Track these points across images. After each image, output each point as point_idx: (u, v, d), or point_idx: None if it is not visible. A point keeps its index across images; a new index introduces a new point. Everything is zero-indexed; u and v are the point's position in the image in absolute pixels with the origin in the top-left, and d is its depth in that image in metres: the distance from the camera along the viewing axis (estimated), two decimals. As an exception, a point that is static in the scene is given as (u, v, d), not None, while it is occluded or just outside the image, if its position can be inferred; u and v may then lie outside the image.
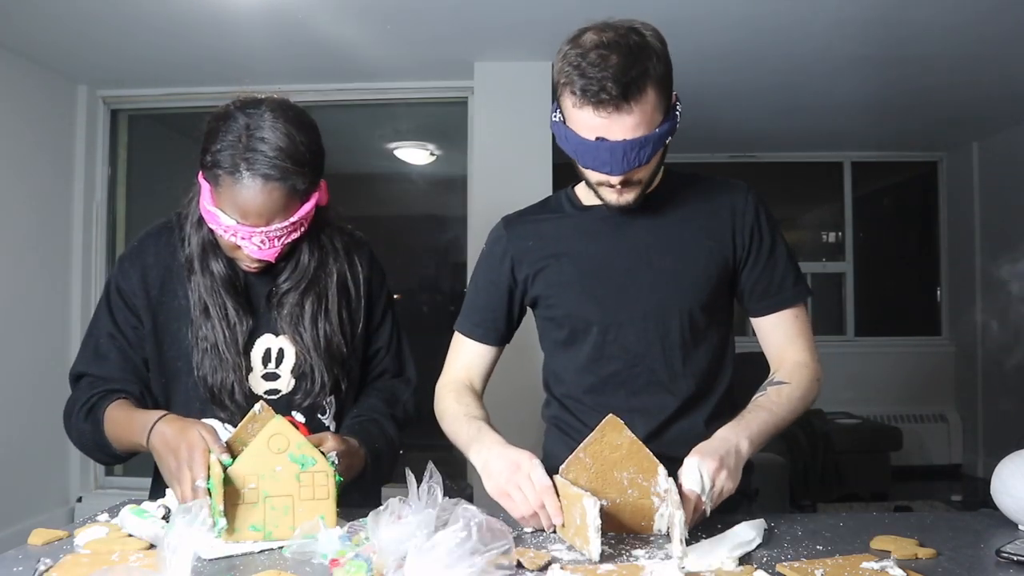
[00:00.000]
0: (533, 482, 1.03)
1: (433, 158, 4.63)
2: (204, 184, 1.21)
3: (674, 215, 1.27)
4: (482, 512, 0.86)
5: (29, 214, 3.60)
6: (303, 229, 1.26)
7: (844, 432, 4.55)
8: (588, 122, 1.09)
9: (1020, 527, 1.06)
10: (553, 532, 1.06)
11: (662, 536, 1.04)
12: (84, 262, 3.94)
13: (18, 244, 3.52)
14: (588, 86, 1.06)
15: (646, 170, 1.15)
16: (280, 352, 1.33)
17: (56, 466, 3.80)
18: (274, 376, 1.33)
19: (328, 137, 1.28)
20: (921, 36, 3.28)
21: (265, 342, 1.33)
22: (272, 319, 1.33)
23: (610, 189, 1.17)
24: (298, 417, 1.32)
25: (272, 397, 1.32)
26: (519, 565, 0.91)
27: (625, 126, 1.08)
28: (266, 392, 1.32)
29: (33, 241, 3.62)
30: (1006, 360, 4.84)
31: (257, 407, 1.14)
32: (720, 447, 1.07)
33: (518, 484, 1.04)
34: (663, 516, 1.03)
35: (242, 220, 1.18)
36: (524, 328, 1.39)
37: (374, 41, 3.41)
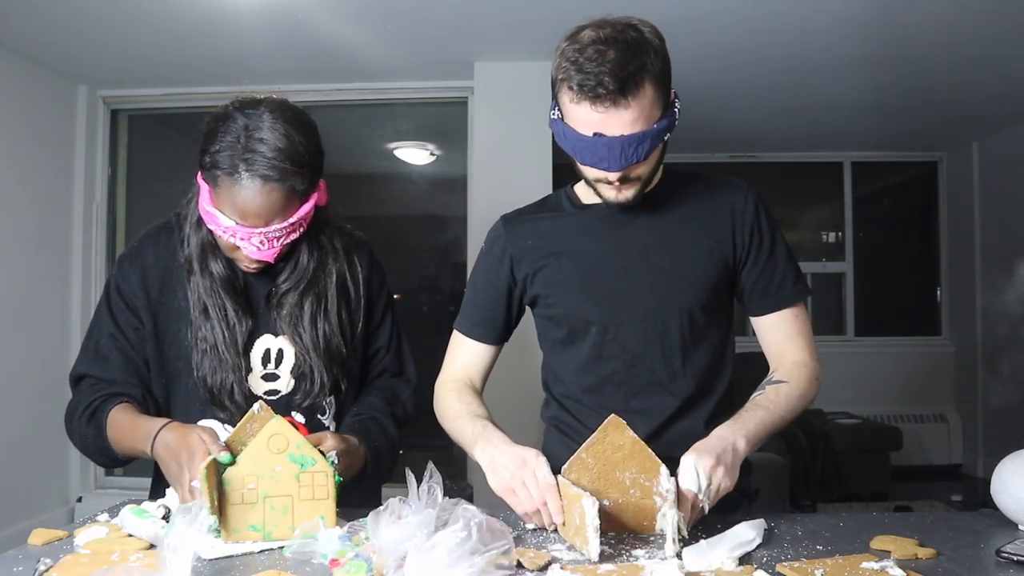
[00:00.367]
0: (538, 479, 1.03)
1: (433, 158, 4.63)
2: (203, 185, 1.21)
3: (674, 214, 1.27)
4: (482, 512, 0.86)
5: (29, 214, 3.60)
6: (302, 230, 1.26)
7: (844, 432, 4.55)
8: (585, 118, 1.09)
9: (1020, 527, 1.06)
10: (554, 532, 1.06)
11: (662, 536, 1.04)
12: (84, 262, 3.94)
13: (18, 244, 3.52)
14: (585, 81, 1.05)
15: (644, 167, 1.15)
16: (280, 352, 1.33)
17: (56, 466, 3.80)
18: (274, 377, 1.33)
19: (328, 137, 1.28)
20: (921, 36, 3.28)
21: (265, 343, 1.33)
22: (271, 319, 1.33)
23: (608, 186, 1.16)
24: (298, 417, 1.32)
25: (272, 398, 1.32)
26: (519, 565, 0.91)
27: (622, 121, 1.07)
28: (266, 392, 1.32)
29: (33, 241, 3.62)
30: (1006, 360, 4.84)
31: (256, 407, 1.14)
32: (717, 445, 1.07)
33: (523, 480, 1.05)
34: (665, 516, 1.03)
35: (241, 221, 1.18)
36: (524, 328, 1.39)
37: (374, 41, 3.41)
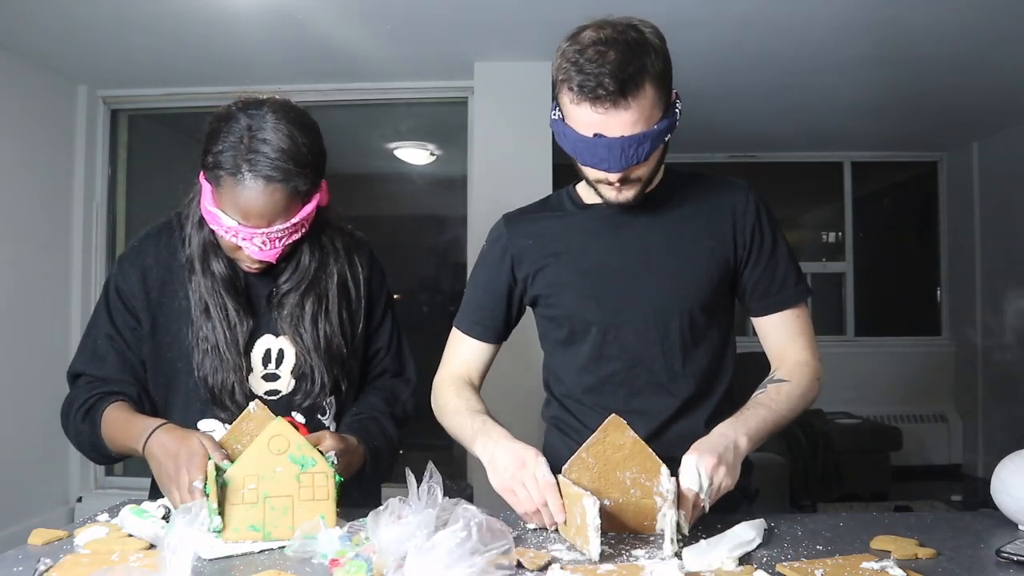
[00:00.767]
0: (537, 479, 1.03)
1: (433, 158, 4.63)
2: (205, 185, 1.21)
3: (675, 214, 1.27)
4: (482, 512, 0.86)
5: (29, 214, 3.59)
6: (304, 230, 1.26)
7: (844, 432, 4.55)
8: (586, 118, 1.09)
9: (1020, 527, 1.06)
10: (554, 531, 1.06)
11: (662, 536, 1.04)
12: (84, 262, 3.93)
13: (18, 244, 3.51)
14: (585, 82, 1.05)
15: (645, 167, 1.15)
16: (280, 353, 1.33)
17: (56, 466, 3.80)
18: (274, 377, 1.33)
19: (328, 137, 1.29)
20: (921, 36, 3.28)
21: (265, 343, 1.33)
22: (272, 320, 1.33)
23: (609, 187, 1.16)
24: (298, 418, 1.32)
25: (272, 398, 1.32)
26: (519, 565, 0.91)
27: (623, 122, 1.07)
28: (266, 392, 1.32)
29: (33, 241, 3.62)
30: (1006, 360, 4.84)
31: (252, 406, 1.14)
32: (718, 443, 1.07)
33: (523, 481, 1.04)
34: (665, 516, 1.03)
35: (243, 221, 1.18)
36: (525, 328, 1.39)
37: (374, 41, 3.41)
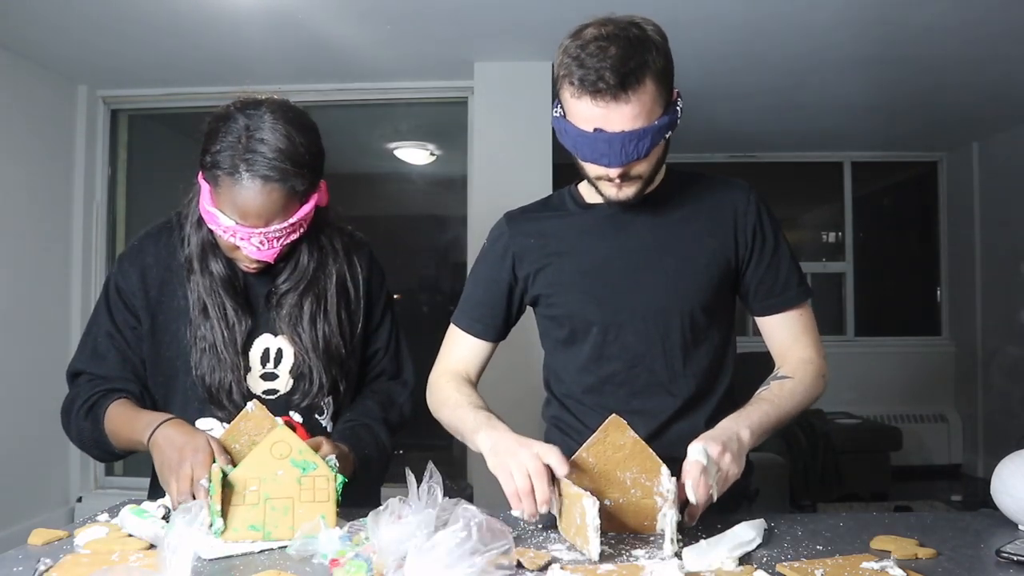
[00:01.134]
0: (537, 455, 1.02)
1: (433, 158, 4.63)
2: (204, 184, 1.21)
3: (676, 215, 1.27)
4: (482, 512, 0.85)
5: (29, 214, 3.59)
6: (302, 230, 1.26)
7: (844, 432, 4.55)
8: (586, 113, 1.09)
9: (1020, 527, 1.06)
10: (554, 531, 1.06)
11: (662, 536, 1.04)
12: (84, 262, 3.93)
13: (18, 244, 3.52)
14: (586, 76, 1.06)
15: (645, 164, 1.15)
16: (279, 352, 1.33)
17: (56, 466, 3.80)
18: (272, 376, 1.33)
19: (328, 137, 1.28)
20: (921, 36, 3.28)
21: (264, 342, 1.33)
22: (271, 319, 1.33)
23: (609, 183, 1.16)
24: (295, 417, 1.32)
25: (270, 397, 1.32)
26: (519, 565, 0.91)
27: (623, 116, 1.08)
28: (264, 392, 1.32)
29: (33, 241, 3.62)
30: (1006, 360, 4.84)
31: (250, 406, 1.14)
32: (722, 434, 1.08)
33: (520, 458, 1.03)
34: (665, 516, 1.03)
35: (241, 221, 1.18)
36: (525, 328, 1.39)
37: (374, 41, 3.41)
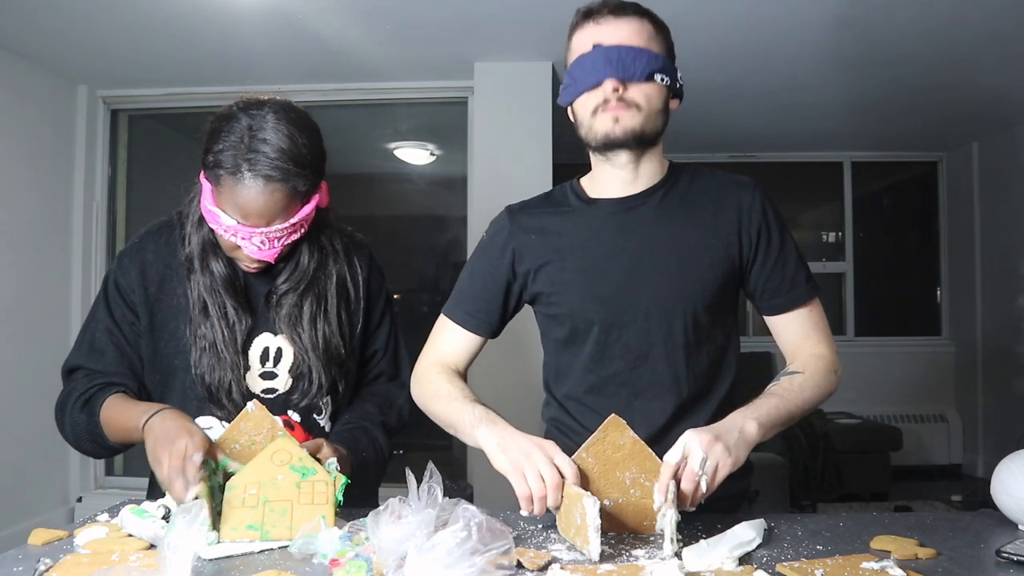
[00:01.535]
0: (556, 464, 1.02)
1: (433, 158, 4.63)
2: (205, 184, 1.21)
3: (679, 212, 1.25)
4: (482, 512, 0.85)
5: (29, 214, 3.60)
6: (303, 230, 1.26)
7: (844, 432, 4.55)
8: (586, 37, 1.18)
9: (1020, 527, 1.06)
10: (554, 531, 1.06)
11: (662, 536, 1.04)
12: (84, 262, 3.94)
13: (18, 244, 3.52)
14: (588, 8, 1.20)
15: (643, 94, 1.16)
16: (278, 351, 1.33)
17: (56, 466, 3.80)
18: (271, 375, 1.33)
19: (328, 137, 1.29)
20: (921, 36, 3.28)
21: (263, 341, 1.33)
22: (271, 319, 1.33)
23: (606, 112, 1.16)
24: (294, 416, 1.33)
25: (269, 396, 1.32)
26: (519, 565, 0.91)
27: (619, 32, 1.16)
28: (263, 391, 1.32)
29: (33, 241, 3.62)
30: (1006, 360, 4.84)
31: (250, 405, 1.14)
32: (719, 427, 1.07)
33: (536, 464, 1.03)
34: (665, 516, 1.03)
35: (243, 220, 1.18)
36: (525, 327, 1.39)
37: (374, 41, 3.41)
